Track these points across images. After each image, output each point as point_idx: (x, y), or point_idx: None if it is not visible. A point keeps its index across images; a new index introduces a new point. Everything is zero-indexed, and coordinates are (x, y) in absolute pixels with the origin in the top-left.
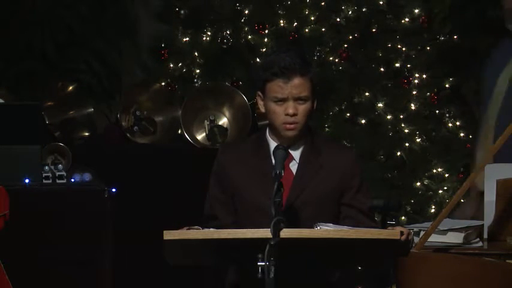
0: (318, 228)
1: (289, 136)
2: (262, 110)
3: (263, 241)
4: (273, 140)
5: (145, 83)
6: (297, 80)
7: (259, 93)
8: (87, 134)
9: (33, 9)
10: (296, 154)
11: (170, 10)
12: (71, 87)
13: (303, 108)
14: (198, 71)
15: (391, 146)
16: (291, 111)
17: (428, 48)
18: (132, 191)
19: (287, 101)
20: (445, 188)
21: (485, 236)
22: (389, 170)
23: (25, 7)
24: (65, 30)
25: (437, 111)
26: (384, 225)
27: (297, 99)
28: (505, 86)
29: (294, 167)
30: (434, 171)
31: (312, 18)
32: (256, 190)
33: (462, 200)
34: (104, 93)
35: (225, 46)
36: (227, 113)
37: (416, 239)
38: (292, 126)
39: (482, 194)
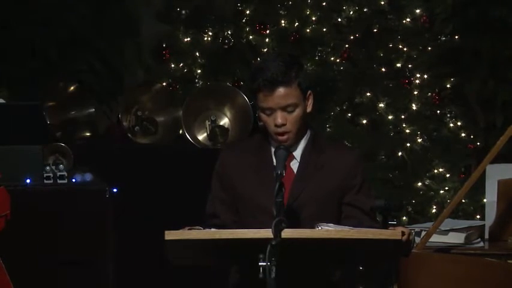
0: (319, 228)
1: (284, 143)
2: None
3: (264, 241)
4: (273, 140)
5: (147, 83)
6: (281, 91)
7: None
8: (88, 134)
9: (35, 9)
10: (297, 153)
11: (171, 10)
12: (72, 88)
13: (292, 116)
14: (199, 71)
15: (392, 146)
16: (279, 121)
17: (429, 48)
18: (134, 191)
19: (275, 112)
20: (446, 188)
21: (487, 236)
22: (391, 170)
23: (27, 8)
24: (66, 31)
25: (438, 112)
26: (385, 225)
27: (284, 108)
28: None
29: (295, 165)
30: (436, 171)
31: (313, 18)
32: (257, 189)
33: (463, 200)
34: (106, 94)
35: (226, 46)
36: (228, 113)
37: (417, 239)
38: (283, 137)
39: None
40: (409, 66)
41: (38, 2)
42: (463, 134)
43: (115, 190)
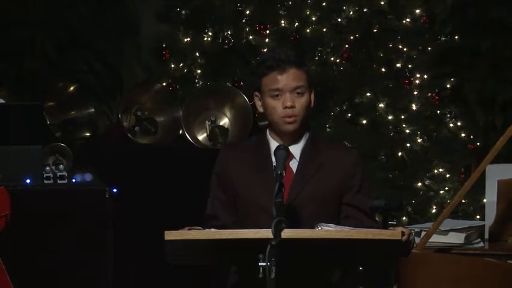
0: (319, 228)
1: (290, 130)
2: (261, 110)
3: (264, 241)
4: (274, 139)
5: (147, 83)
6: (292, 71)
7: (256, 93)
8: (88, 134)
9: (34, 9)
10: (296, 152)
11: (171, 10)
12: (72, 88)
13: (300, 101)
14: (199, 71)
15: (392, 146)
16: (289, 103)
17: (429, 48)
18: (134, 191)
19: (284, 94)
20: (446, 188)
21: (487, 236)
22: (391, 170)
23: (27, 7)
24: (66, 31)
25: (438, 112)
26: (385, 226)
27: (294, 90)
28: None
29: (294, 165)
30: (435, 171)
31: (313, 18)
32: (257, 190)
33: (463, 200)
34: (105, 94)
35: (226, 46)
36: (228, 114)
37: (417, 240)
38: (291, 119)
39: None
40: (409, 66)
41: (37, 2)
42: (463, 134)
43: (115, 190)
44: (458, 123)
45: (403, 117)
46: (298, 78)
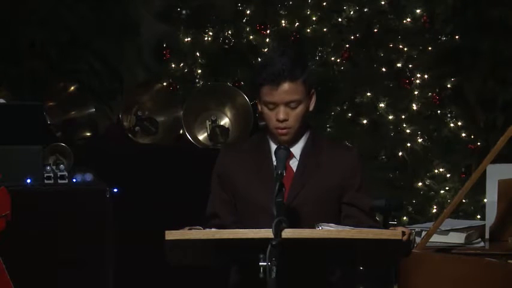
0: (320, 228)
1: (283, 140)
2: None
3: (265, 241)
4: (273, 139)
5: (147, 83)
6: (286, 86)
7: (257, 96)
8: (88, 134)
9: (34, 9)
10: (296, 151)
11: (172, 10)
12: (72, 88)
13: (294, 113)
14: (199, 71)
15: (392, 146)
16: (281, 116)
17: (429, 48)
18: (134, 191)
19: (278, 106)
20: (447, 188)
21: (487, 236)
22: (391, 170)
23: (27, 7)
24: (66, 31)
25: (438, 112)
26: (385, 226)
27: (288, 104)
28: None
29: (294, 164)
30: (436, 171)
31: (314, 18)
32: (257, 189)
33: (464, 200)
34: (106, 94)
35: (226, 46)
36: (229, 113)
37: (418, 239)
38: (284, 131)
39: None
40: (410, 66)
41: (38, 2)
42: (463, 134)
43: (115, 190)
44: (459, 123)
45: (403, 117)
46: (292, 92)
